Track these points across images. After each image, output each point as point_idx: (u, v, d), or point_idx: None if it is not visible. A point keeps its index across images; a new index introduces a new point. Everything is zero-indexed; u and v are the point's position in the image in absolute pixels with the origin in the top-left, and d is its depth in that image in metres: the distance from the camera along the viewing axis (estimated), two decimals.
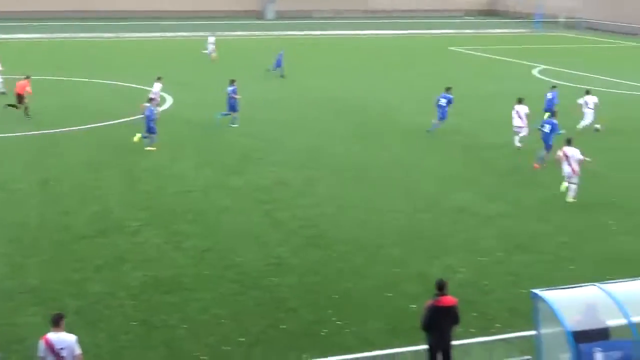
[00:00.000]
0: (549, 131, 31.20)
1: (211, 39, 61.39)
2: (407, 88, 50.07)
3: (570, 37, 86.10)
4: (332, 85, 50.31)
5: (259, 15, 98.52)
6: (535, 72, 58.50)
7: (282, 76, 52.79)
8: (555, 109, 35.52)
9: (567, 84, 52.52)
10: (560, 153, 27.55)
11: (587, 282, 16.66)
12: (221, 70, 54.01)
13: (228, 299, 19.30)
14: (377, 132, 37.35)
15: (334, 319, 18.34)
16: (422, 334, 15.67)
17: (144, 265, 21.14)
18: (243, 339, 17.32)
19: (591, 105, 37.94)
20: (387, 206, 26.32)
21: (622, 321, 13.83)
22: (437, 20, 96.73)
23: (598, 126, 37.95)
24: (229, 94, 37.87)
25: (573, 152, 27.22)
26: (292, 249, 22.52)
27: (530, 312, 15.34)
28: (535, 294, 14.43)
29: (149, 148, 32.83)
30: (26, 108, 38.57)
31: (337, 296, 19.51)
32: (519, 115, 34.39)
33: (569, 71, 58.36)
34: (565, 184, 27.16)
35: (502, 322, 18.16)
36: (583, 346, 13.48)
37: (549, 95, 38.87)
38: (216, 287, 19.93)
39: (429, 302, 15.33)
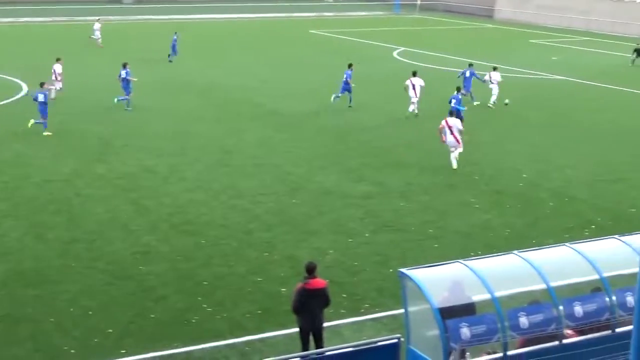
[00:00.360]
0: (457, 104, 33.76)
1: (97, 25, 59.89)
2: (269, 71, 50.05)
3: (429, 19, 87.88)
4: (194, 70, 49.81)
5: None
6: (395, 54, 59.47)
7: (170, 61, 52.72)
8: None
9: (425, 65, 53.69)
10: (443, 123, 29.38)
11: (452, 259, 17.07)
12: (81, 56, 52.80)
13: (96, 290, 18.93)
14: (242, 116, 37.28)
15: (204, 305, 18.24)
16: (294, 317, 15.78)
17: (5, 258, 20.48)
18: (111, 330, 17.02)
19: (495, 82, 40.54)
20: (255, 190, 26.32)
21: (486, 296, 14.22)
22: (298, 4, 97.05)
23: (507, 101, 40.59)
24: (123, 77, 37.85)
25: (454, 123, 29.27)
26: (160, 236, 22.25)
27: (398, 291, 15.61)
28: (403, 273, 14.65)
29: (46, 133, 32.56)
30: None
31: (207, 282, 19.41)
32: (413, 87, 36.92)
33: (428, 53, 59.64)
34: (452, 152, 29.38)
35: (371, 302, 18.45)
36: (450, 322, 13.78)
37: (467, 73, 41.04)
38: (83, 278, 19.50)
39: (298, 285, 15.42)
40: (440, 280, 14.90)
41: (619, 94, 44.91)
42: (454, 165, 29.06)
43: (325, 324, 15.77)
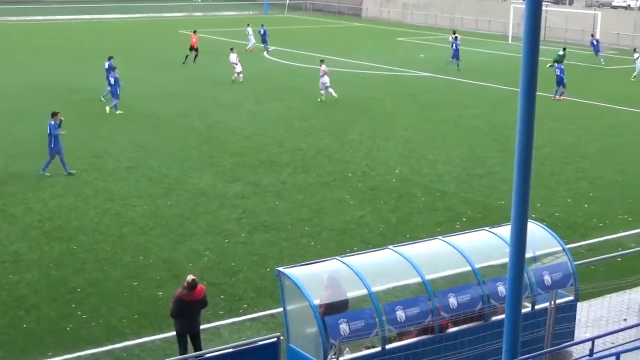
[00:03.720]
0: (560, 73, 42.45)
1: (250, 29, 61.51)
2: (138, 72, 49.29)
3: (298, 18, 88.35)
4: (54, 71, 48.77)
5: None
6: (265, 53, 59.54)
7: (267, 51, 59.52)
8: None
9: (295, 64, 54.07)
10: (322, 69, 41.19)
11: (329, 256, 17.23)
12: None
13: None
14: (112, 118, 36.59)
15: (79, 312, 17.82)
16: (169, 321, 15.64)
17: None
18: None
19: None
20: (128, 193, 25.89)
21: (363, 291, 14.40)
22: (167, 4, 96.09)
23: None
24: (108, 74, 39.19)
25: (325, 68, 41.15)
26: (30, 243, 21.61)
27: (277, 290, 15.63)
28: (280, 272, 14.69)
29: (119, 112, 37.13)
30: (195, 56, 53.47)
31: (80, 289, 18.96)
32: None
33: (297, 51, 59.94)
34: (322, 92, 40.66)
35: (249, 302, 18.39)
36: (328, 319, 13.90)
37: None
38: None
39: (177, 292, 15.22)
40: (318, 278, 15.00)
41: (486, 90, 46.12)
42: (335, 95, 40.47)
43: (205, 326, 15.70)
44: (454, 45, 53.62)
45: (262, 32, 61.12)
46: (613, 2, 78.93)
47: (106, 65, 40.29)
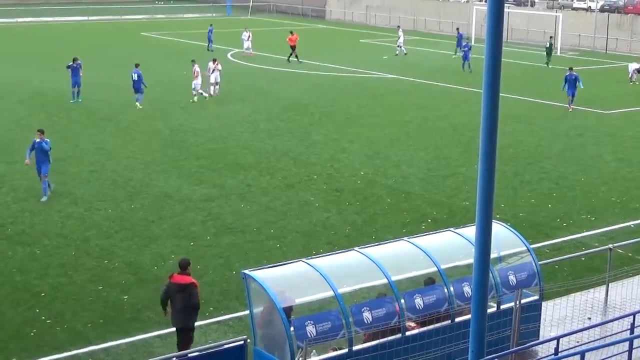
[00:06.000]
0: (574, 83, 40.92)
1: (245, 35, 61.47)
2: (101, 76, 48.95)
3: (261, 20, 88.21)
4: (20, 75, 48.24)
5: None
6: (229, 55, 59.43)
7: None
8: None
9: (258, 66, 54.01)
10: (194, 69, 41.33)
11: (294, 258, 17.24)
12: None
13: None
14: (76, 122, 36.30)
15: (43, 317, 17.67)
16: (135, 325, 15.56)
17: None
18: None
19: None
20: (92, 196, 25.70)
21: (329, 293, 14.41)
22: (129, 6, 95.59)
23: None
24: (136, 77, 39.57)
25: (198, 70, 41.17)
26: None
27: (243, 293, 15.60)
28: (246, 274, 14.67)
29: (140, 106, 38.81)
30: (296, 55, 56.70)
31: (44, 294, 18.80)
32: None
33: (261, 54, 59.91)
34: (194, 93, 41.09)
35: (215, 305, 18.33)
36: (295, 321, 13.90)
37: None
38: None
39: None
40: (284, 280, 15.00)
41: (449, 92, 46.35)
42: (204, 95, 41.37)
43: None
44: (465, 47, 54.71)
45: (210, 30, 62.67)
46: (574, 4, 79.68)
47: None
